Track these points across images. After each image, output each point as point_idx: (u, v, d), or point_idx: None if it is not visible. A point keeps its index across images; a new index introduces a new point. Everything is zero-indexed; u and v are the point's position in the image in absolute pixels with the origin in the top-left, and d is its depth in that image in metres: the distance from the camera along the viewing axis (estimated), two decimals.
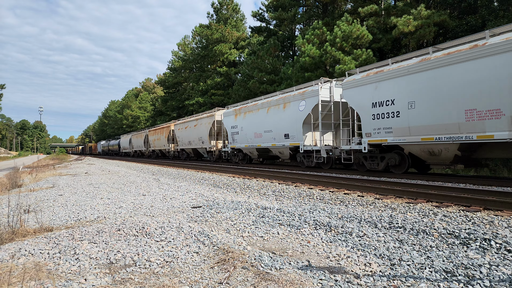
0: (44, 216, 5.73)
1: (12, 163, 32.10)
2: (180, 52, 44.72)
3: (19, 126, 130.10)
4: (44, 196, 8.38)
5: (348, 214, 5.07)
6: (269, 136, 15.22)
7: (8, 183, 11.05)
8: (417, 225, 4.24)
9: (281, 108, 14.62)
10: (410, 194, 6.38)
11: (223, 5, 36.74)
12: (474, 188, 6.51)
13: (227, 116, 19.09)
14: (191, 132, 23.78)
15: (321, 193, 7.38)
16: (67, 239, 4.04)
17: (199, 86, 37.15)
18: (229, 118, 18.86)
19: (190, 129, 24.01)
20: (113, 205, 6.67)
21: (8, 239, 4.05)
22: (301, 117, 13.26)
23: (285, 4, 25.55)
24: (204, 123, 21.72)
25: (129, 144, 43.81)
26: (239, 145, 17.73)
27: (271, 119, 15.13)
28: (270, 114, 15.22)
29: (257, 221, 4.90)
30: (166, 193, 8.17)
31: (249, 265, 3.04)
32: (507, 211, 4.91)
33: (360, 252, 3.44)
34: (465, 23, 18.58)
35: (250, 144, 16.74)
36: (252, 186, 9.11)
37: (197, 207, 6.13)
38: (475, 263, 2.97)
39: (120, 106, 77.77)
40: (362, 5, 20.04)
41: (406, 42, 19.65)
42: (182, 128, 25.70)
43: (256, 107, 16.43)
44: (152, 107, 61.31)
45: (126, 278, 2.92)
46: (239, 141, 17.66)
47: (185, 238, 4.01)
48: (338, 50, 18.45)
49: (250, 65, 26.06)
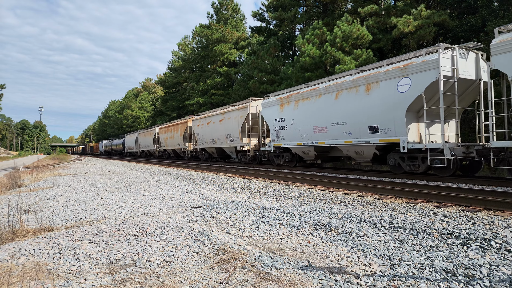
0: (44, 216, 5.74)
1: (12, 163, 32.11)
2: (180, 52, 44.75)
3: (19, 126, 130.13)
4: (44, 196, 8.38)
5: (348, 214, 5.07)
6: (341, 130, 11.33)
7: (8, 183, 11.05)
8: (417, 225, 4.24)
9: (362, 91, 10.58)
10: (410, 194, 6.38)
11: (223, 5, 36.74)
12: (474, 188, 6.51)
13: (268, 107, 15.29)
14: (215, 129, 20.18)
15: (321, 193, 7.38)
16: (67, 239, 4.04)
17: (199, 86, 37.16)
18: (271, 110, 15.09)
19: (214, 125, 20.42)
20: (113, 205, 6.67)
21: (8, 239, 4.05)
22: (403, 101, 9.28)
23: (285, 4, 25.55)
24: (234, 117, 18.03)
25: (135, 144, 40.54)
26: (288, 143, 14.03)
27: (343, 106, 11.22)
28: (341, 101, 11.31)
29: (257, 221, 4.90)
30: (166, 193, 8.17)
31: (249, 265, 3.04)
32: (507, 211, 4.90)
33: (360, 252, 3.44)
34: (465, 23, 18.57)
35: (306, 141, 12.96)
36: (252, 186, 9.11)
37: (197, 207, 6.13)
38: (475, 263, 2.97)
39: (120, 106, 77.83)
40: (362, 5, 20.04)
41: (406, 42, 19.66)
42: (202, 124, 21.97)
43: (315, 92, 12.47)
44: (152, 107, 61.34)
45: (126, 278, 2.91)
46: (288, 138, 14.01)
47: (185, 238, 4.01)
48: (338, 50, 18.45)
49: (250, 65, 26.06)
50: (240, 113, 17.58)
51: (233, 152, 19.46)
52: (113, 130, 77.90)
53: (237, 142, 17.98)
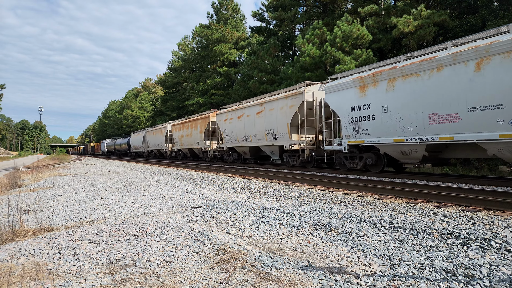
0: (44, 216, 5.73)
1: (12, 163, 32.11)
2: (180, 52, 44.77)
3: (19, 126, 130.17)
4: (44, 196, 8.38)
5: (348, 214, 5.07)
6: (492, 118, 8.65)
7: (8, 183, 11.05)
8: (417, 225, 4.24)
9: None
10: (410, 194, 6.38)
11: (223, 5, 36.76)
12: (474, 188, 6.51)
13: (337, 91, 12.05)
14: (250, 123, 16.53)
15: (321, 193, 7.38)
16: (67, 239, 4.04)
17: (199, 86, 37.17)
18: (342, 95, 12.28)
19: (248, 118, 16.75)
20: (113, 205, 6.67)
21: (8, 239, 4.05)
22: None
23: (285, 4, 25.57)
24: (281, 107, 14.42)
25: (142, 143, 36.85)
26: (376, 140, 10.71)
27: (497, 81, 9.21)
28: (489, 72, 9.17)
29: (257, 221, 4.90)
30: (166, 193, 8.17)
31: (249, 265, 3.04)
32: (507, 211, 4.90)
33: (360, 252, 3.44)
34: (465, 23, 18.59)
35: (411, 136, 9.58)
36: (252, 186, 9.11)
37: (197, 207, 6.13)
38: (475, 263, 2.97)
39: (120, 106, 77.92)
40: (362, 5, 20.05)
41: (406, 42, 19.65)
42: (231, 119, 18.28)
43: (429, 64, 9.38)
44: (152, 107, 61.37)
45: (126, 278, 2.91)
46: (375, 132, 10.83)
47: (185, 238, 4.01)
48: (338, 50, 18.46)
49: (250, 65, 26.06)
50: (290, 102, 13.76)
51: (275, 152, 15.62)
52: (113, 130, 77.96)
53: (283, 139, 14.23)
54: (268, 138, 15.31)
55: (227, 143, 19.04)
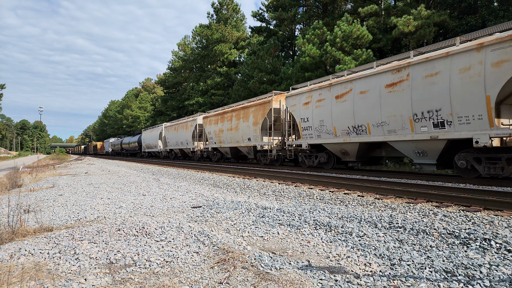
0: (44, 216, 5.73)
1: (12, 163, 32.10)
2: (180, 52, 44.77)
3: (19, 126, 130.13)
4: (44, 196, 8.38)
5: (348, 214, 5.07)
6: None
7: (8, 183, 11.05)
8: (417, 225, 4.24)
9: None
10: (410, 194, 6.37)
11: (223, 5, 36.75)
12: (474, 188, 6.51)
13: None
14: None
15: (321, 193, 7.38)
16: (67, 239, 4.04)
17: (199, 86, 37.16)
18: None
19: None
20: (113, 205, 6.67)
21: (8, 239, 4.05)
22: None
23: (285, 4, 25.57)
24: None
25: (158, 141, 31.13)
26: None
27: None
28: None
29: (257, 221, 4.90)
30: (166, 193, 8.17)
31: (249, 265, 3.04)
32: (507, 211, 4.90)
33: (360, 252, 3.44)
34: (465, 23, 18.59)
35: None
36: (252, 186, 9.11)
37: (197, 207, 6.13)
38: (475, 263, 2.97)
39: (120, 106, 77.91)
40: (362, 5, 20.05)
41: (406, 42, 19.65)
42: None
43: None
44: (152, 107, 61.36)
45: (126, 278, 2.91)
46: None
47: (185, 238, 4.01)
48: (338, 50, 18.46)
49: (250, 65, 26.06)
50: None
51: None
52: (113, 130, 77.97)
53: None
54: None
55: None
